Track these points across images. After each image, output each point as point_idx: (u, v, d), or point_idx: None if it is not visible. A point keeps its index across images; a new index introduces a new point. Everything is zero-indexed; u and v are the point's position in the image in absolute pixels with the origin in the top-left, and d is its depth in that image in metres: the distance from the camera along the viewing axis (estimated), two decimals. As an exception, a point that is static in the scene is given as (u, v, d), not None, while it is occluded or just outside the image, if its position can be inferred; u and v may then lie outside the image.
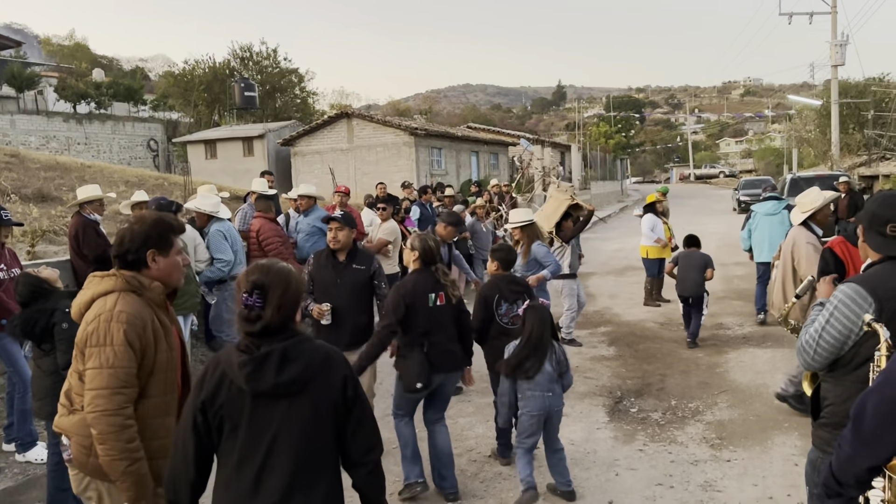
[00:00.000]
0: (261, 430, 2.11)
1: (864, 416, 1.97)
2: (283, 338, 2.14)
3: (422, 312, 4.28)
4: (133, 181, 16.11)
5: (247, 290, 2.12)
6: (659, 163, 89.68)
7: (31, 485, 4.40)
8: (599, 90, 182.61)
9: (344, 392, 2.18)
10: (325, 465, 2.18)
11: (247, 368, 2.08)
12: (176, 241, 2.72)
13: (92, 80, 33.97)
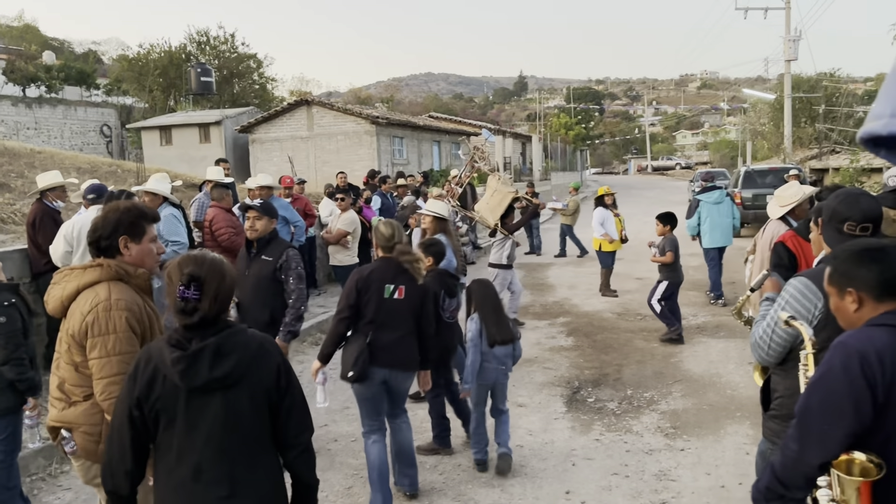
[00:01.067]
0: (197, 422, 2.13)
1: (811, 413, 1.99)
2: (216, 331, 2.16)
3: (374, 301, 4.06)
4: (85, 168, 15.68)
5: (183, 282, 2.12)
6: (617, 154, 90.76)
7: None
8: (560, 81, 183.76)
9: (278, 381, 2.22)
10: (264, 450, 2.23)
11: (180, 365, 2.09)
12: (149, 227, 2.75)
13: (42, 62, 32.96)
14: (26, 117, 27.01)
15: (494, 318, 4.59)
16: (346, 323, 4.10)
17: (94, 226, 2.68)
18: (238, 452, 2.16)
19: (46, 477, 4.59)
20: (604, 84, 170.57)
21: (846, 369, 1.92)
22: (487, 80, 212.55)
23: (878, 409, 1.90)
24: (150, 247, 2.73)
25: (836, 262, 2.12)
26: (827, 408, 1.95)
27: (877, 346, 1.92)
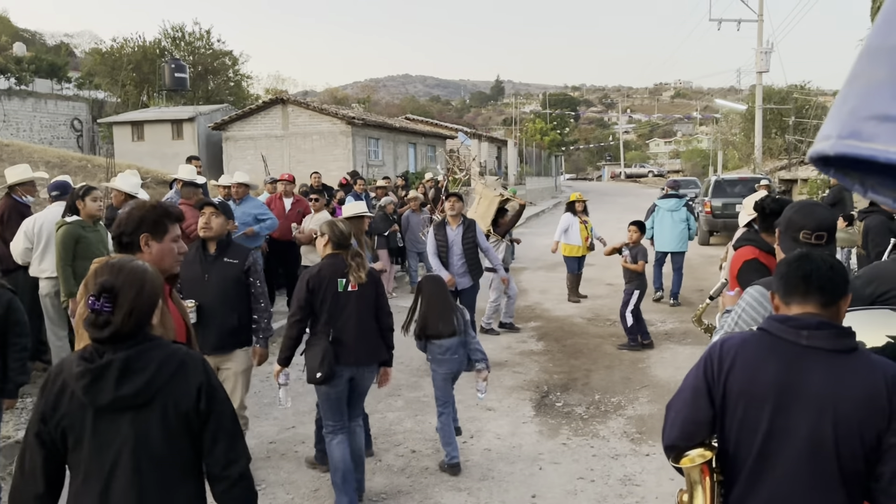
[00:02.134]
0: (105, 444, 1.96)
1: (672, 399, 2.19)
2: (132, 344, 1.97)
3: (329, 298, 4.04)
4: (55, 162, 15.44)
5: (94, 292, 1.95)
6: (592, 161, 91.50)
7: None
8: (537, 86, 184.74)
9: (197, 403, 2.01)
10: (182, 478, 2.04)
11: (84, 380, 1.93)
12: (172, 227, 2.69)
13: (12, 54, 32.35)
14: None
15: (440, 312, 4.74)
16: (299, 325, 4.12)
17: (118, 221, 2.66)
18: (150, 480, 1.97)
19: (6, 476, 4.50)
20: (579, 91, 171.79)
21: (696, 366, 2.13)
22: (465, 83, 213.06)
23: (714, 401, 2.05)
24: (171, 246, 2.68)
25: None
26: (678, 398, 2.15)
27: (727, 345, 2.08)
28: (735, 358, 2.04)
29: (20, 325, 3.94)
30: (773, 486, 1.98)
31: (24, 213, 6.14)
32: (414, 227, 11.04)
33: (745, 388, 2.01)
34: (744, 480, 2.02)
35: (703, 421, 2.07)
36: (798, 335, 1.97)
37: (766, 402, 1.98)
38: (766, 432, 1.98)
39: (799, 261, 2.06)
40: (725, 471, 2.07)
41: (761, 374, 1.99)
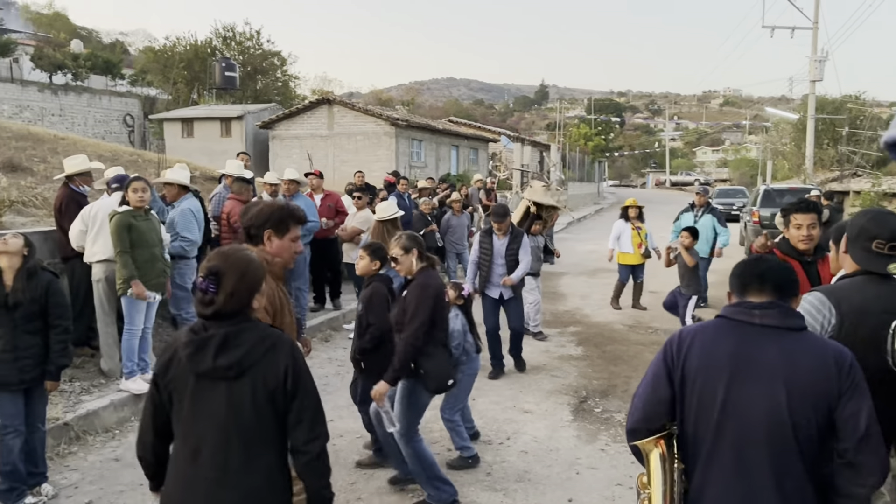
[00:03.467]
0: (201, 408, 2.19)
1: (638, 388, 2.32)
2: (232, 323, 2.20)
3: (442, 308, 4.14)
4: (107, 156, 15.83)
5: (203, 274, 2.20)
6: (636, 167, 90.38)
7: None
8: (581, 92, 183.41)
9: (284, 382, 2.20)
10: (264, 447, 2.22)
11: (188, 349, 2.18)
12: (293, 227, 2.94)
13: (70, 50, 33.36)
14: (52, 104, 27.34)
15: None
16: (425, 337, 4.01)
17: (250, 214, 2.95)
18: (235, 444, 2.17)
19: (54, 456, 4.64)
20: (625, 96, 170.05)
21: (657, 355, 2.28)
22: (509, 87, 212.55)
23: (673, 382, 2.18)
24: (289, 244, 2.92)
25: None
26: (640, 386, 2.30)
27: (685, 332, 2.25)
28: (693, 341, 2.19)
29: (60, 308, 4.06)
30: (732, 456, 2.06)
31: (81, 203, 6.31)
32: (455, 229, 11.06)
33: (703, 364, 2.14)
34: (704, 457, 2.11)
35: (663, 400, 2.19)
36: (751, 315, 2.14)
37: (722, 373, 2.09)
38: (722, 402, 2.08)
39: (756, 261, 2.24)
40: (687, 454, 2.16)
41: (718, 351, 2.13)
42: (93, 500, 4.19)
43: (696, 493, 2.13)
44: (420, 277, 4.09)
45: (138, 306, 5.56)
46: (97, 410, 5.25)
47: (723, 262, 10.24)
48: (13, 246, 3.94)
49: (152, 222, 5.74)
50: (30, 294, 3.92)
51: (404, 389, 4.11)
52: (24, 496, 4.03)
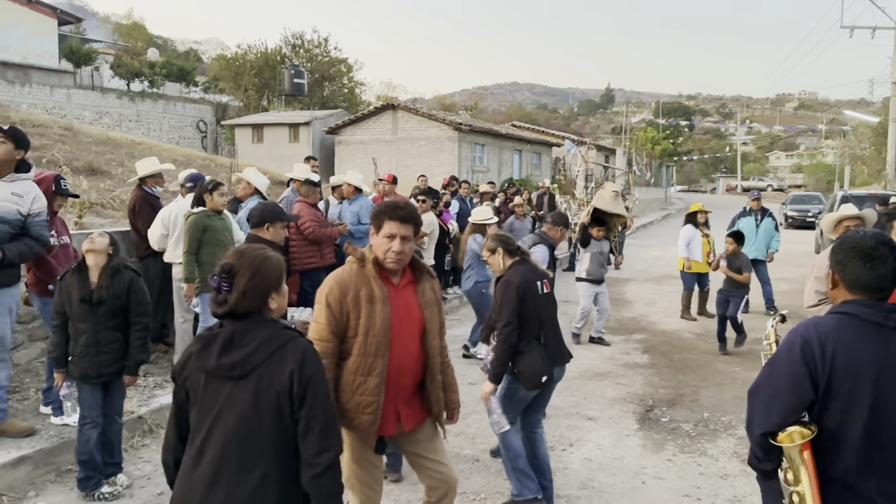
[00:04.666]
0: (208, 407, 2.14)
1: (758, 390, 2.30)
2: (243, 322, 2.16)
3: (533, 302, 4.07)
4: (181, 160, 16.40)
5: (217, 272, 2.17)
6: (706, 172, 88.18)
7: (65, 447, 4.51)
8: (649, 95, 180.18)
9: (290, 388, 2.09)
10: (261, 456, 2.10)
11: (196, 345, 2.18)
12: (387, 222, 2.94)
13: (146, 59, 34.69)
14: (129, 110, 28.49)
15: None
16: (517, 333, 4.03)
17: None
18: (232, 448, 2.09)
19: (129, 448, 4.80)
20: (694, 100, 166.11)
21: (789, 352, 2.23)
22: (573, 91, 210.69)
23: (818, 386, 2.16)
24: (384, 241, 2.92)
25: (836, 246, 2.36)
26: (771, 386, 2.25)
27: (820, 331, 2.20)
28: (836, 341, 2.17)
29: (141, 305, 4.20)
30: (881, 456, 2.14)
31: (154, 204, 6.55)
32: (518, 233, 10.99)
33: (850, 367, 2.14)
34: (851, 455, 2.15)
35: (805, 404, 2.19)
36: (887, 318, 2.18)
37: (868, 375, 2.13)
38: (870, 407, 2.12)
39: (874, 260, 2.22)
40: (822, 449, 2.18)
41: (863, 354, 2.15)
42: (164, 491, 4.32)
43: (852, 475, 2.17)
44: (506, 275, 4.17)
45: (211, 302, 5.72)
46: (169, 405, 5.41)
47: (799, 271, 9.90)
48: (99, 245, 4.10)
49: (226, 222, 5.91)
50: (113, 291, 4.07)
51: (503, 387, 4.13)
52: (100, 485, 4.18)
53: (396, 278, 3.02)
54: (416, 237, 3.02)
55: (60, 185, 5.05)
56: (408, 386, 3.03)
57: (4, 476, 4.20)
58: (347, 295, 2.89)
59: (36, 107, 23.28)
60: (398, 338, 2.94)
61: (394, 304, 2.94)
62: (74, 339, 4.10)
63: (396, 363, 2.94)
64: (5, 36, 23.38)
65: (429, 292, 3.09)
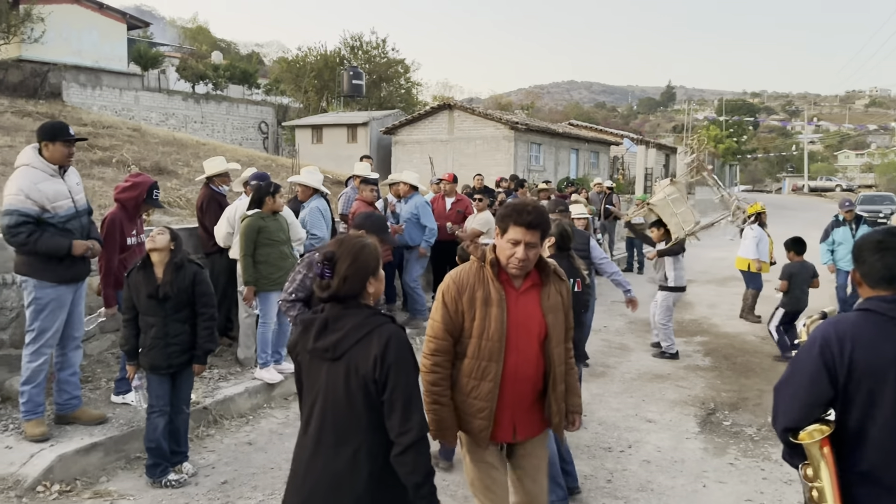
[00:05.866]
0: (312, 383, 2.33)
1: (781, 387, 2.33)
2: (341, 307, 2.29)
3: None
4: (244, 160, 16.81)
5: (320, 259, 2.31)
6: (771, 171, 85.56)
7: (134, 435, 4.67)
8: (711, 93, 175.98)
9: (374, 370, 2.20)
10: (353, 434, 2.24)
11: (299, 328, 2.36)
12: (512, 228, 2.97)
13: (211, 62, 35.66)
14: (194, 112, 29.32)
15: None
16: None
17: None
18: (329, 424, 2.26)
19: (194, 438, 4.95)
20: (759, 97, 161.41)
21: (809, 351, 2.25)
22: (632, 89, 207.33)
23: (837, 383, 2.18)
24: (508, 246, 2.89)
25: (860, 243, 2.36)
26: (791, 383, 2.29)
27: (839, 329, 2.21)
28: (854, 338, 2.18)
29: (207, 297, 4.34)
30: None
31: (220, 202, 6.73)
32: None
33: (870, 364, 2.15)
34: (875, 451, 2.17)
35: (825, 402, 2.21)
36: None
37: (889, 375, 2.13)
38: (891, 402, 2.13)
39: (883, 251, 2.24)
40: (845, 443, 2.21)
41: (882, 351, 2.15)
42: (228, 479, 4.44)
43: (874, 469, 2.19)
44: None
45: (273, 301, 5.85)
46: (233, 397, 5.57)
47: None
48: (160, 242, 4.24)
49: (280, 222, 6.02)
50: (178, 286, 4.21)
51: None
52: (167, 473, 4.32)
53: (518, 281, 2.88)
54: (543, 243, 2.87)
55: (152, 194, 5.15)
56: (526, 393, 2.88)
57: (78, 461, 4.39)
58: (463, 295, 2.83)
59: (106, 109, 24.20)
60: (515, 343, 2.81)
61: (512, 309, 2.82)
62: (144, 332, 4.25)
63: (513, 369, 2.81)
64: (78, 41, 24.36)
65: (554, 296, 2.91)
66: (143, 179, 5.19)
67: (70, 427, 4.70)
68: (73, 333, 4.77)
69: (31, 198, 4.33)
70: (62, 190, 4.50)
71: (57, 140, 4.47)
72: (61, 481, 4.22)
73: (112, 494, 4.18)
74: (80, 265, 4.64)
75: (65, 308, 4.63)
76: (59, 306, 4.57)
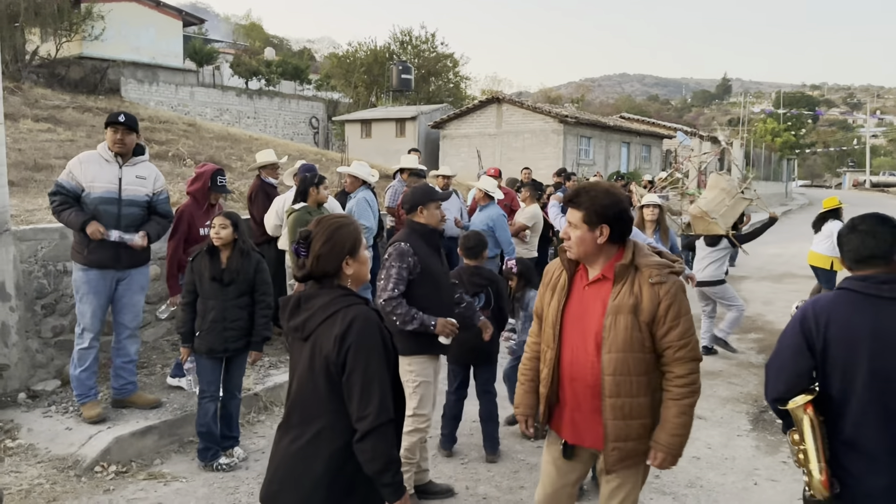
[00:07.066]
0: (292, 361, 2.36)
1: (771, 359, 2.57)
2: (315, 287, 2.30)
3: None
4: (295, 155, 17.06)
5: (296, 239, 2.31)
6: (830, 166, 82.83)
7: (187, 420, 4.80)
8: (769, 85, 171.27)
9: (337, 352, 2.16)
10: (317, 415, 2.22)
11: (281, 307, 2.37)
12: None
13: (263, 58, 36.24)
14: (247, 107, 29.86)
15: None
16: None
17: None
18: (298, 404, 2.27)
19: (245, 423, 5.06)
20: (819, 90, 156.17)
21: (792, 327, 2.50)
22: (687, 81, 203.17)
23: (815, 355, 2.42)
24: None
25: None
26: (778, 357, 2.53)
27: (817, 306, 2.46)
28: (830, 314, 2.40)
29: (266, 285, 4.45)
30: (885, 418, 2.32)
31: (269, 193, 6.85)
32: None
33: (844, 336, 2.36)
34: (855, 418, 2.37)
35: (805, 372, 2.45)
36: (880, 289, 2.38)
37: (862, 346, 2.33)
38: (866, 373, 2.32)
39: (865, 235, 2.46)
40: (830, 413, 2.42)
41: (856, 324, 2.35)
42: (276, 465, 4.52)
43: (853, 436, 2.38)
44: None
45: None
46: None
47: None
48: (225, 237, 4.32)
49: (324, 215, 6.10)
50: (242, 271, 4.32)
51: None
52: (218, 456, 4.43)
53: (593, 272, 2.70)
54: (598, 226, 2.63)
55: (217, 181, 5.30)
56: (583, 396, 2.68)
57: (133, 443, 4.54)
58: (549, 280, 2.86)
59: (162, 104, 24.84)
60: (570, 338, 2.70)
61: (571, 301, 2.72)
62: (202, 316, 4.34)
63: (568, 364, 2.70)
64: (136, 38, 25.05)
65: (627, 296, 2.57)
66: (205, 169, 5.35)
67: (126, 411, 4.85)
68: (124, 322, 4.87)
69: (72, 173, 4.61)
70: (108, 175, 4.65)
71: (107, 126, 4.69)
72: (118, 462, 4.37)
73: (165, 476, 4.30)
74: (109, 252, 4.63)
75: (100, 294, 4.70)
76: (90, 291, 4.66)
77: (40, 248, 5.34)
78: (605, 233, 2.61)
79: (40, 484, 4.06)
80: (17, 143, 11.07)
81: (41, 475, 4.16)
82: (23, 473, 4.16)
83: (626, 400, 2.59)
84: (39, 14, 20.45)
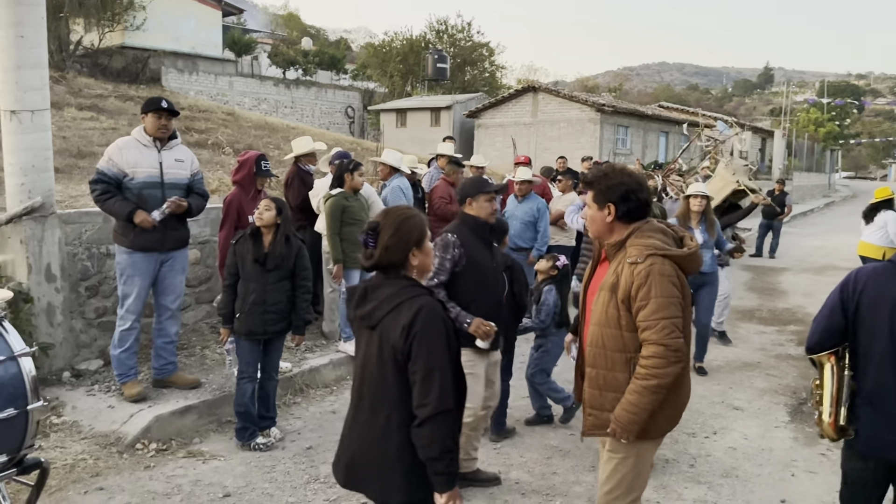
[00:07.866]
0: (359, 349, 2.41)
1: (816, 317, 2.93)
2: (381, 277, 2.35)
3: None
4: (331, 144, 17.15)
5: (365, 230, 2.36)
6: (876, 158, 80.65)
7: (226, 400, 4.90)
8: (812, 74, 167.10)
9: (404, 341, 2.20)
10: (386, 403, 2.28)
11: (349, 295, 2.43)
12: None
13: (301, 48, 36.43)
14: (284, 97, 30.11)
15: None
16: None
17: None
18: (369, 389, 2.32)
19: (281, 405, 5.14)
20: (865, 79, 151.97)
21: (835, 290, 2.86)
22: (728, 70, 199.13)
23: (847, 314, 2.78)
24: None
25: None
26: (820, 314, 2.90)
27: (860, 273, 2.81)
28: (867, 280, 2.75)
29: (307, 271, 4.52)
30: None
31: (306, 180, 6.91)
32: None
33: (873, 301, 2.70)
34: (874, 374, 2.69)
35: (837, 327, 2.81)
36: None
37: (886, 309, 2.65)
38: (890, 335, 2.65)
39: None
40: (857, 365, 2.76)
41: (885, 290, 2.68)
42: (313, 445, 4.59)
43: (872, 393, 2.72)
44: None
45: (355, 278, 5.97)
46: (318, 367, 5.76)
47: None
48: (267, 219, 4.40)
49: (361, 202, 6.13)
50: (284, 256, 4.38)
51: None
52: (255, 436, 4.52)
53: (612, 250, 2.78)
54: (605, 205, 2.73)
55: (261, 166, 5.39)
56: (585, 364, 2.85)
57: (174, 422, 4.65)
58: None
59: (202, 93, 25.18)
60: (588, 310, 2.83)
61: (595, 277, 2.89)
62: (243, 298, 4.41)
63: (587, 332, 2.81)
64: (177, 28, 25.39)
65: (611, 275, 2.68)
66: (248, 156, 5.45)
67: (167, 390, 4.97)
68: (166, 304, 4.98)
69: (112, 160, 4.67)
70: (149, 159, 4.74)
71: (149, 112, 4.76)
72: (158, 440, 4.48)
73: (204, 454, 4.40)
74: (154, 235, 4.72)
75: (145, 276, 4.80)
76: (135, 273, 4.76)
77: (84, 231, 5.48)
78: (612, 212, 2.72)
79: (84, 459, 4.19)
80: (62, 131, 11.35)
81: (84, 451, 4.28)
82: (67, 449, 4.29)
83: (601, 372, 2.72)
84: (83, 5, 20.82)
